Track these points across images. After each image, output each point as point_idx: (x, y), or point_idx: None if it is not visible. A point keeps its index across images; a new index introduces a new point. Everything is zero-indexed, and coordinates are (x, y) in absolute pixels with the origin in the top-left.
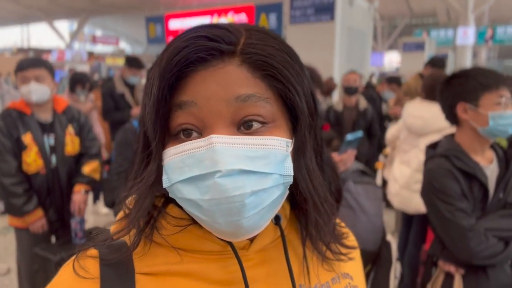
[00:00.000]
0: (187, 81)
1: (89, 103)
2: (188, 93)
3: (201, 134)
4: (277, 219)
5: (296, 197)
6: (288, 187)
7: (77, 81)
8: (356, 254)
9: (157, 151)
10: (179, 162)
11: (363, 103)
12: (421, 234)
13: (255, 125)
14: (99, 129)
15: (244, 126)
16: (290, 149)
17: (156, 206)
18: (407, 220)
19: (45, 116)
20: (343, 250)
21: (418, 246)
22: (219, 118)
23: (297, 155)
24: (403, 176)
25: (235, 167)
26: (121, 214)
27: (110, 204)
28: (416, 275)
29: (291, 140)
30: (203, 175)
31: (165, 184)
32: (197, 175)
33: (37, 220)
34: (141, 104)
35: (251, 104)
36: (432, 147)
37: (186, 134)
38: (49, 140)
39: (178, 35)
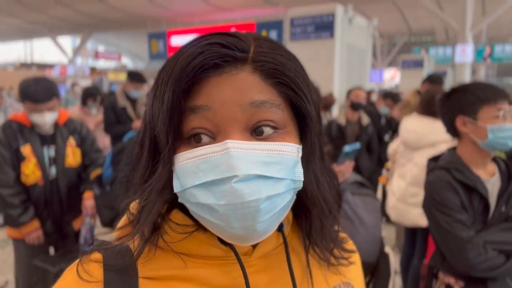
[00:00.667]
0: (200, 86)
1: (99, 116)
2: (202, 97)
3: (213, 139)
4: (280, 226)
5: (305, 201)
6: (297, 192)
7: (89, 94)
8: (356, 258)
9: (169, 156)
10: (194, 167)
11: (365, 119)
12: (426, 247)
13: (267, 131)
14: (107, 141)
15: (258, 131)
16: (300, 155)
17: (160, 213)
18: (410, 234)
19: (46, 128)
20: (344, 255)
21: (420, 259)
22: (234, 122)
23: (306, 160)
24: (399, 189)
25: (251, 172)
26: (123, 219)
27: (108, 222)
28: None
29: (301, 146)
30: (219, 180)
31: (176, 189)
32: (212, 180)
33: (33, 232)
34: (144, 112)
35: (264, 110)
36: (434, 160)
37: (197, 139)
38: (49, 152)
39: (190, 42)
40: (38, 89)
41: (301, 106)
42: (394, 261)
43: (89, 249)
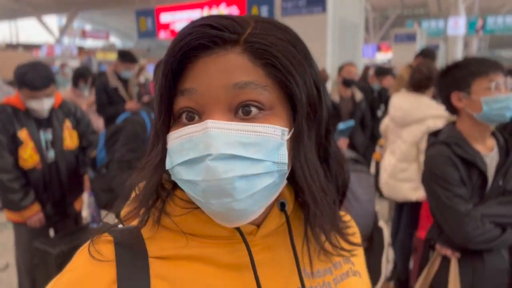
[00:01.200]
0: (191, 68)
1: (92, 98)
2: (190, 80)
3: (200, 118)
4: (282, 205)
5: (296, 187)
6: (285, 175)
7: (80, 76)
8: (359, 251)
9: (162, 134)
10: (179, 145)
11: (358, 95)
12: (411, 222)
13: (251, 111)
14: (101, 123)
15: (242, 111)
16: (287, 137)
17: (165, 189)
18: (399, 208)
19: (44, 114)
20: (346, 246)
21: (408, 233)
22: (217, 103)
23: (295, 144)
24: (389, 166)
25: (226, 151)
26: (131, 200)
27: (106, 204)
28: (408, 261)
29: (287, 129)
30: (197, 158)
31: (167, 166)
32: (192, 158)
33: (34, 215)
34: (136, 97)
35: (249, 91)
36: (434, 134)
37: (189, 117)
38: (46, 135)
39: (186, 25)
40: (36, 76)
41: (289, 88)
42: (388, 234)
43: (99, 230)
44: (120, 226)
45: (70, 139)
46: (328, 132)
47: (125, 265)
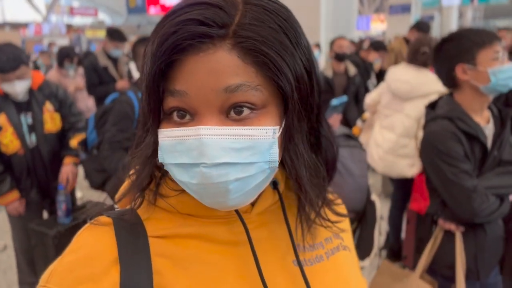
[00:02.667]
0: (179, 66)
1: (78, 78)
2: (180, 81)
3: (192, 118)
4: (275, 184)
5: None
6: (276, 168)
7: (65, 55)
8: (346, 225)
9: (153, 128)
10: (171, 146)
11: (352, 70)
12: (403, 197)
13: (246, 111)
14: (90, 103)
15: (234, 111)
16: (278, 134)
17: (159, 170)
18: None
19: (20, 97)
20: (334, 218)
21: (399, 207)
22: (209, 106)
23: (286, 139)
24: (387, 141)
25: (220, 160)
26: (125, 184)
27: (99, 185)
28: (399, 232)
29: (278, 127)
30: (191, 164)
31: (160, 160)
32: (185, 162)
33: (12, 202)
34: (129, 77)
35: (240, 94)
36: (431, 107)
37: (180, 115)
38: (27, 119)
39: (169, 13)
40: (2, 58)
41: (281, 87)
42: (380, 207)
43: (96, 214)
44: (116, 208)
45: (52, 122)
46: (319, 113)
47: (126, 245)
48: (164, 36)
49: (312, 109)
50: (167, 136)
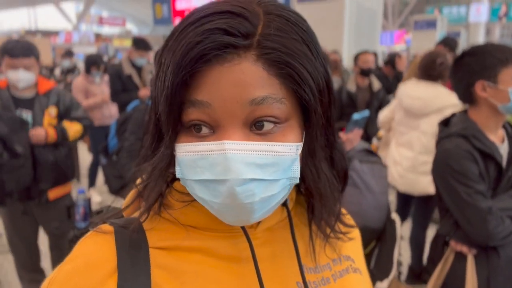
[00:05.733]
0: (201, 76)
1: (104, 85)
2: (203, 92)
3: (213, 131)
4: (284, 201)
5: (301, 190)
6: (294, 184)
7: (92, 62)
8: (356, 234)
9: (170, 141)
10: (192, 161)
11: (376, 84)
12: (425, 215)
13: (267, 125)
14: (114, 110)
15: (258, 125)
16: (299, 151)
17: (165, 181)
18: (404, 200)
19: (23, 92)
20: (343, 229)
21: (422, 226)
22: (233, 119)
23: (307, 154)
24: (406, 159)
25: (246, 176)
26: (132, 193)
27: (117, 190)
28: (421, 253)
29: (301, 143)
30: (215, 180)
31: (178, 175)
32: (209, 179)
33: None
34: (150, 85)
35: (265, 106)
36: (444, 124)
37: (198, 128)
38: (27, 116)
39: (191, 21)
40: (17, 45)
41: (306, 100)
42: (400, 226)
43: (99, 221)
44: (119, 219)
45: (74, 134)
46: (334, 126)
47: (125, 255)
48: (189, 45)
49: (330, 122)
50: (187, 151)
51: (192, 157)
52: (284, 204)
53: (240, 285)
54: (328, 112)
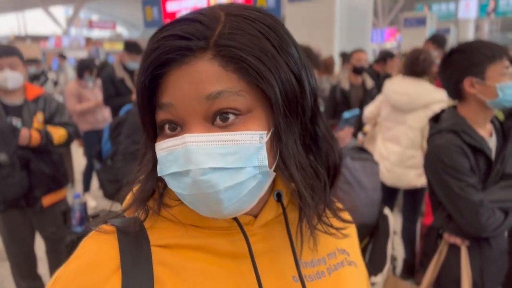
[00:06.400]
0: (165, 80)
1: (96, 90)
2: (167, 94)
3: (182, 128)
4: (279, 196)
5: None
6: (269, 173)
7: (85, 67)
8: (352, 231)
9: (149, 144)
10: (164, 157)
11: (369, 82)
12: (413, 209)
13: (231, 117)
14: (107, 113)
15: (219, 118)
16: (266, 139)
17: (162, 180)
18: (389, 193)
19: (12, 99)
20: (338, 224)
21: (412, 219)
22: (193, 115)
23: (276, 142)
24: (393, 154)
25: (205, 165)
26: (128, 196)
27: (112, 194)
28: (413, 245)
29: (265, 132)
30: (180, 173)
31: (159, 173)
32: (176, 171)
33: None
34: None
35: (222, 100)
36: (434, 120)
37: (171, 127)
38: (16, 123)
39: (154, 33)
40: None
41: (265, 91)
42: (393, 221)
43: (99, 222)
44: (119, 218)
45: (58, 138)
46: (315, 115)
47: (128, 253)
48: (148, 53)
49: (304, 112)
50: (160, 148)
51: (163, 153)
52: (279, 200)
53: (239, 281)
54: (299, 102)
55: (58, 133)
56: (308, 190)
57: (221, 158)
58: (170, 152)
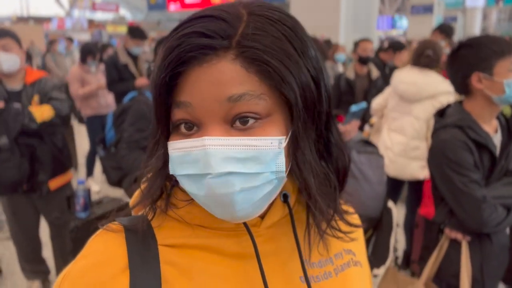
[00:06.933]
0: (184, 78)
1: (99, 74)
2: (184, 92)
3: (198, 128)
4: (285, 197)
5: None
6: (284, 179)
7: (88, 52)
8: (359, 235)
9: (162, 141)
10: (179, 158)
11: (375, 72)
12: (417, 200)
13: (250, 121)
14: (110, 99)
15: (239, 122)
16: (284, 144)
17: (170, 179)
18: (394, 185)
19: (13, 85)
20: (345, 228)
21: (415, 211)
22: (212, 117)
23: (293, 147)
24: (397, 144)
25: (224, 170)
26: (137, 192)
27: (116, 182)
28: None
29: (284, 137)
30: (198, 175)
31: (171, 172)
32: (193, 173)
33: None
34: (148, 74)
35: (243, 103)
36: (439, 114)
37: (188, 127)
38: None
39: (175, 28)
40: None
41: (286, 95)
42: (397, 215)
43: (108, 220)
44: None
45: (41, 115)
46: (329, 121)
47: (136, 252)
48: (169, 50)
49: (320, 117)
50: (175, 148)
51: (179, 153)
52: (286, 201)
53: (245, 281)
54: (315, 106)
55: (39, 110)
56: (322, 196)
57: (240, 163)
58: (187, 153)
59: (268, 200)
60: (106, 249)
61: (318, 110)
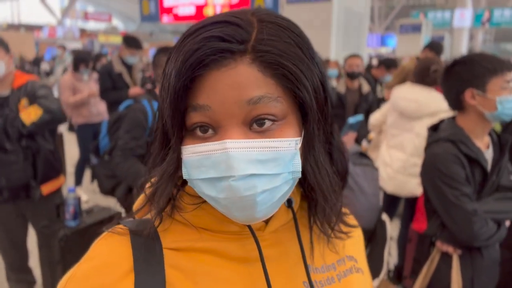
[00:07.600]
0: (201, 82)
1: (92, 83)
2: (202, 95)
3: (214, 132)
4: (289, 202)
5: (304, 187)
6: (297, 179)
7: (81, 60)
8: (357, 233)
9: (176, 145)
10: (197, 161)
11: (366, 87)
12: (411, 216)
13: (265, 123)
14: (102, 107)
15: (257, 124)
16: (299, 146)
17: (176, 185)
18: (391, 201)
19: (1, 90)
20: (345, 229)
21: (408, 226)
22: (232, 119)
23: (306, 148)
24: (397, 161)
25: (247, 172)
26: (141, 197)
27: (108, 190)
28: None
29: (300, 138)
30: (219, 178)
31: (184, 177)
32: (213, 177)
33: None
34: (142, 84)
35: (262, 105)
36: (433, 129)
37: (203, 130)
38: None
39: (190, 32)
40: None
41: (301, 98)
42: (390, 227)
43: (112, 223)
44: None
45: (28, 117)
46: (331, 124)
47: (141, 255)
48: (188, 53)
49: (327, 120)
50: (192, 152)
51: (197, 157)
52: (290, 206)
53: (249, 285)
54: (324, 109)
55: (26, 113)
56: (333, 196)
57: (261, 164)
58: (206, 157)
59: (283, 200)
60: (111, 251)
61: (326, 112)
